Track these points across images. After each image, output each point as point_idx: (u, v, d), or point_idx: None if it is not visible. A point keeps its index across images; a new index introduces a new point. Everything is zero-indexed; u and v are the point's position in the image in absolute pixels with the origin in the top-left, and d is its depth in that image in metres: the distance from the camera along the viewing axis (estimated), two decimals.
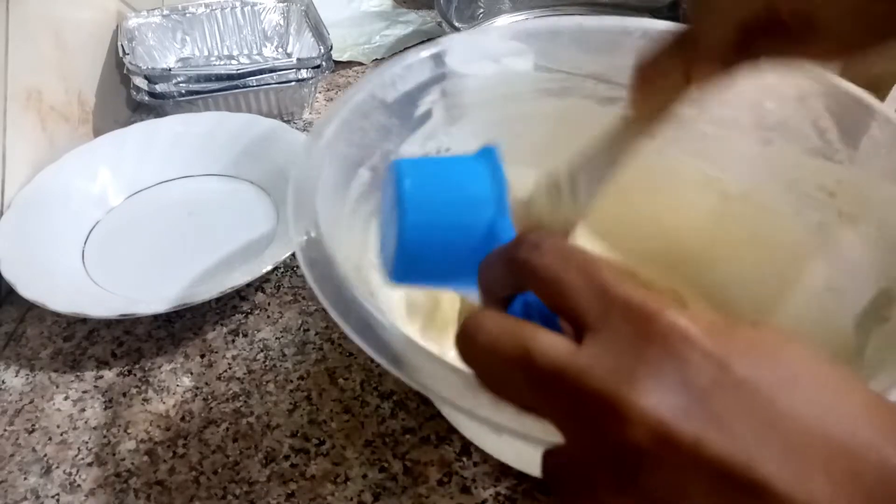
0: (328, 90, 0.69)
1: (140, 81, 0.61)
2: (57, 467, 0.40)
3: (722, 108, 0.40)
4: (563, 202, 0.37)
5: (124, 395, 0.43)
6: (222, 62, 0.70)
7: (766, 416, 0.17)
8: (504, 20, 0.77)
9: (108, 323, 0.47)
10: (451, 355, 0.24)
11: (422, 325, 0.42)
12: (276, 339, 0.46)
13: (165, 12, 0.68)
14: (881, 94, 0.46)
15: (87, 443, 0.41)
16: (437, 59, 0.41)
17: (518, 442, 0.23)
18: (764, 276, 0.41)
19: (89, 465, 0.40)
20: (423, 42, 0.74)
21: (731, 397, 0.18)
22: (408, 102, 0.40)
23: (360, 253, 0.36)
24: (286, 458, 0.40)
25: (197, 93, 0.61)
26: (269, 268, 0.45)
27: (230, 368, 0.44)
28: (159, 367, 0.45)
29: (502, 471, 0.38)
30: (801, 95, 0.38)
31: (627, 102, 0.33)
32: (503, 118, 0.44)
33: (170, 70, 0.62)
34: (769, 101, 0.39)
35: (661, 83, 0.31)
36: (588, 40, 0.42)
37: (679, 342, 0.18)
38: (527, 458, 0.36)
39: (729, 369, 0.18)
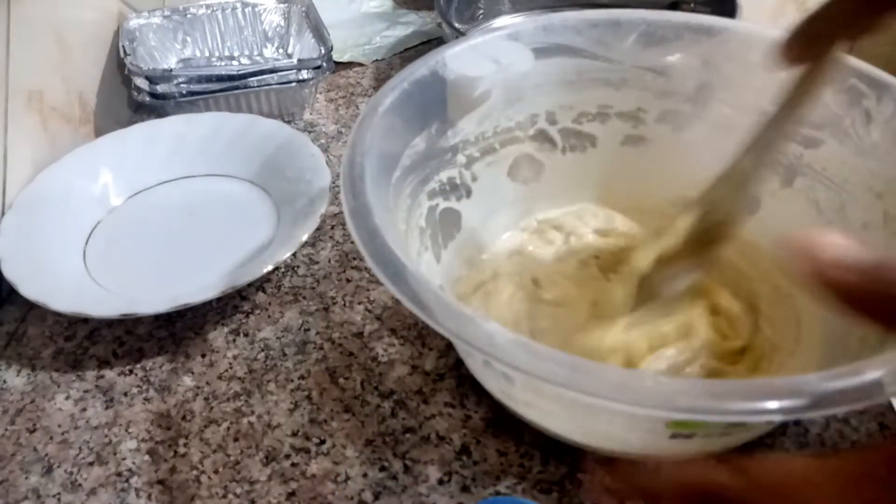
0: (329, 91, 0.70)
1: (141, 82, 0.61)
2: (58, 466, 0.40)
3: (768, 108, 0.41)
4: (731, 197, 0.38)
5: (125, 394, 0.43)
6: (223, 63, 0.70)
7: None
8: (503, 21, 0.77)
9: (110, 323, 0.47)
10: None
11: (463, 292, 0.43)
12: (277, 338, 0.46)
13: (166, 13, 0.68)
14: None
15: (88, 442, 0.41)
16: (501, 41, 0.42)
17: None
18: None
19: (90, 464, 0.40)
20: (415, 48, 0.75)
21: None
22: (468, 81, 0.42)
23: (404, 224, 0.38)
24: (287, 457, 0.40)
25: (198, 93, 0.61)
26: (270, 268, 0.46)
27: (231, 368, 0.45)
28: (160, 367, 0.45)
29: (502, 470, 0.39)
30: (855, 94, 0.38)
31: (777, 55, 0.32)
32: (560, 104, 0.44)
33: (171, 71, 0.62)
34: (825, 100, 0.40)
35: (811, 49, 0.31)
36: (650, 34, 0.43)
37: None
38: (554, 417, 0.37)
39: None
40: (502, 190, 0.47)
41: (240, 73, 0.61)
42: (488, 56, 0.43)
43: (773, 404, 0.24)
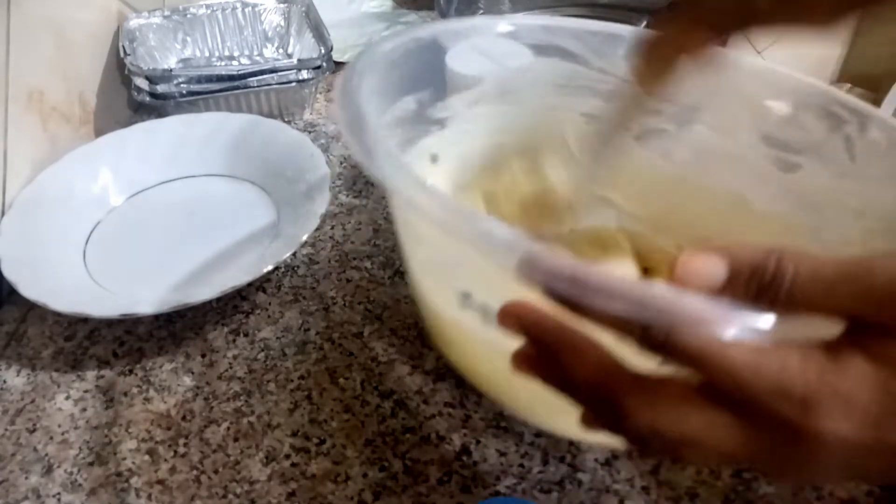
0: (328, 91, 0.70)
1: (141, 82, 0.61)
2: (58, 466, 0.40)
3: (751, 133, 0.41)
4: (576, 169, 0.39)
5: (125, 394, 0.43)
6: (223, 63, 0.70)
7: None
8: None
9: (110, 322, 0.47)
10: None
11: None
12: (277, 338, 0.46)
13: (166, 13, 0.68)
14: (880, 94, 0.47)
15: (88, 442, 0.41)
16: (502, 32, 0.43)
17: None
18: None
19: (90, 464, 0.40)
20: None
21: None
22: (466, 61, 0.42)
23: None
24: (287, 457, 0.40)
25: (198, 93, 0.61)
26: (270, 268, 0.46)
27: (231, 368, 0.45)
28: (160, 367, 0.45)
29: (502, 470, 0.38)
30: (835, 119, 0.38)
31: (631, 69, 0.34)
32: (550, 106, 0.45)
33: (171, 71, 0.62)
34: (801, 124, 0.40)
35: (659, 53, 0.32)
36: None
37: None
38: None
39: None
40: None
41: (240, 73, 0.61)
42: (487, 44, 0.43)
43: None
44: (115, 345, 0.46)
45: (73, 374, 0.45)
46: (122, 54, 0.62)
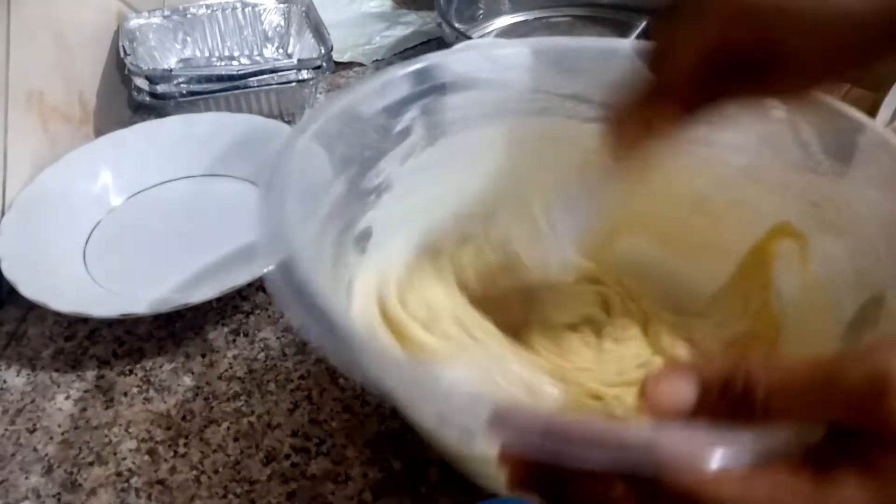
0: (329, 91, 0.69)
1: (141, 82, 0.61)
2: (58, 466, 0.40)
3: (708, 127, 0.40)
4: (545, 243, 0.37)
5: (125, 394, 0.43)
6: (223, 63, 0.70)
7: None
8: (503, 21, 0.77)
9: (110, 322, 0.47)
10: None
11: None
12: (277, 338, 0.46)
13: (166, 13, 0.68)
14: (881, 93, 0.46)
15: (88, 442, 0.41)
16: (418, 75, 0.40)
17: None
18: (742, 290, 0.41)
19: (90, 464, 0.40)
20: (415, 48, 0.75)
21: None
22: (387, 118, 0.40)
23: (330, 270, 0.35)
24: (287, 457, 0.40)
25: (198, 93, 0.61)
26: (270, 268, 0.45)
27: (231, 368, 0.45)
28: (160, 367, 0.45)
29: None
30: (785, 109, 0.38)
31: (601, 145, 0.33)
32: (484, 138, 0.43)
33: (171, 71, 0.62)
34: (753, 116, 0.39)
35: (628, 129, 0.31)
36: (568, 61, 0.42)
37: None
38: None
39: None
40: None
41: (240, 73, 0.61)
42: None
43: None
44: (115, 345, 0.46)
45: (73, 374, 0.45)
46: (122, 54, 0.62)
